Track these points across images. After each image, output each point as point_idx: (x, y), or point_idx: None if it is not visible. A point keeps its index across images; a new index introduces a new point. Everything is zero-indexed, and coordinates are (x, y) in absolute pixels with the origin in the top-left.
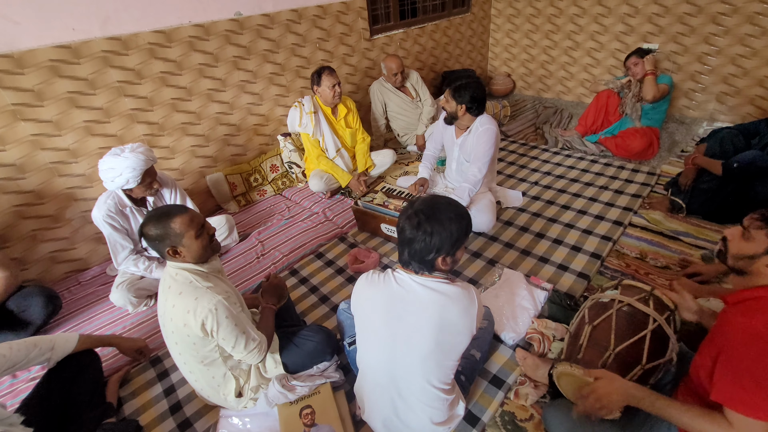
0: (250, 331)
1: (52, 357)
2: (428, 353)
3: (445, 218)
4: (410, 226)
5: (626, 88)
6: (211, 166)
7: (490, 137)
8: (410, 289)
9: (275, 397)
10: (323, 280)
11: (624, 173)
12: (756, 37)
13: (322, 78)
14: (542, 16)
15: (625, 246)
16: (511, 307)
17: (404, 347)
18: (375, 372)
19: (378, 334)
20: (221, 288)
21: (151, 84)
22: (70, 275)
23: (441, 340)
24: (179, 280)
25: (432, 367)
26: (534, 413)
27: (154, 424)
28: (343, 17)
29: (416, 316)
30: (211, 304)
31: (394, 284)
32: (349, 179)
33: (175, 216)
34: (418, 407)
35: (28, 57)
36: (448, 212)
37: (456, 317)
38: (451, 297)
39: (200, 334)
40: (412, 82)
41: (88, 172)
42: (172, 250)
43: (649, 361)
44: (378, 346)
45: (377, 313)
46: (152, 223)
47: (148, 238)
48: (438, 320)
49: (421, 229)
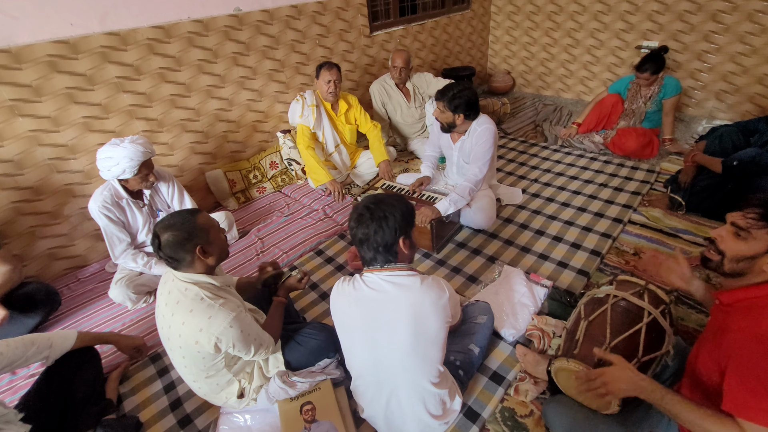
0: (261, 336)
1: (50, 355)
2: (410, 349)
3: (388, 203)
4: (363, 222)
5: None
6: (210, 162)
7: (489, 137)
8: (380, 289)
9: (276, 392)
10: (323, 277)
11: (624, 171)
12: (756, 35)
13: (321, 72)
14: (542, 13)
15: (625, 243)
16: (511, 304)
17: (385, 347)
18: (364, 375)
19: (358, 339)
20: (233, 304)
21: (150, 80)
22: (69, 272)
23: (418, 333)
24: (189, 296)
25: (417, 362)
26: (534, 409)
27: (154, 421)
28: (343, 13)
29: (391, 314)
30: (226, 322)
31: (365, 288)
32: (326, 181)
33: (198, 213)
34: (411, 404)
35: (25, 52)
36: (388, 198)
37: (429, 308)
38: (419, 289)
39: (211, 352)
40: (415, 84)
41: (86, 168)
42: (201, 249)
43: (646, 353)
44: (361, 350)
45: (354, 320)
46: (174, 226)
47: (172, 242)
48: (412, 314)
49: (374, 219)
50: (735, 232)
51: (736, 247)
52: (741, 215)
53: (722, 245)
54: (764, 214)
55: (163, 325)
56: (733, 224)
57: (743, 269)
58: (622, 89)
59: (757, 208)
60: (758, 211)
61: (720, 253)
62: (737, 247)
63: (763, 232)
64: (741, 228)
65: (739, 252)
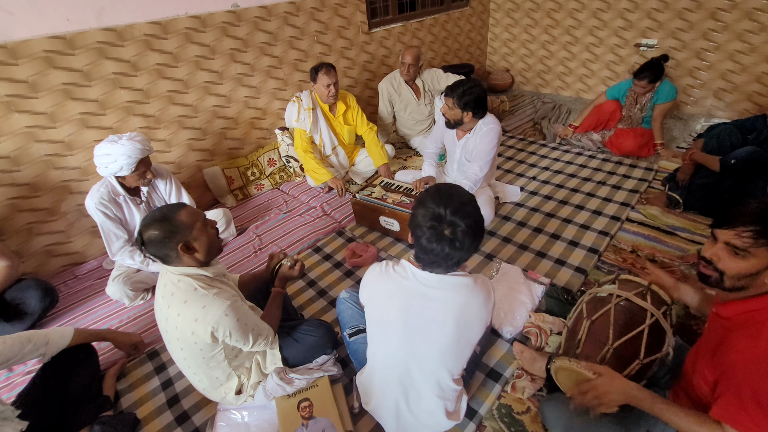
0: (259, 326)
1: (46, 352)
2: (448, 347)
3: (470, 217)
4: (443, 240)
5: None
6: (208, 159)
7: (494, 137)
8: (429, 284)
9: (273, 389)
10: (321, 274)
11: (622, 169)
12: (755, 33)
13: (319, 76)
14: (541, 11)
15: (622, 241)
16: (509, 301)
17: (423, 341)
18: (388, 366)
19: (395, 328)
20: (228, 293)
21: (147, 76)
22: (67, 269)
23: (461, 332)
24: (182, 287)
25: (450, 359)
26: (531, 406)
27: (152, 417)
28: (342, 10)
29: (436, 310)
30: (221, 311)
31: (411, 278)
32: (326, 179)
33: (179, 209)
34: (433, 400)
35: (21, 48)
36: (469, 210)
37: (476, 310)
38: (471, 290)
39: (209, 341)
40: (425, 80)
41: (83, 164)
42: (185, 245)
43: (647, 355)
44: (395, 341)
45: (394, 308)
46: (156, 223)
47: (154, 240)
48: (458, 314)
49: (463, 245)
50: (732, 251)
51: (736, 266)
52: (735, 235)
53: (721, 265)
54: (760, 232)
55: (161, 318)
56: (728, 244)
57: (745, 285)
58: (620, 95)
59: (750, 226)
60: (753, 229)
61: (718, 271)
62: (737, 266)
63: (762, 249)
64: (739, 248)
65: (741, 271)
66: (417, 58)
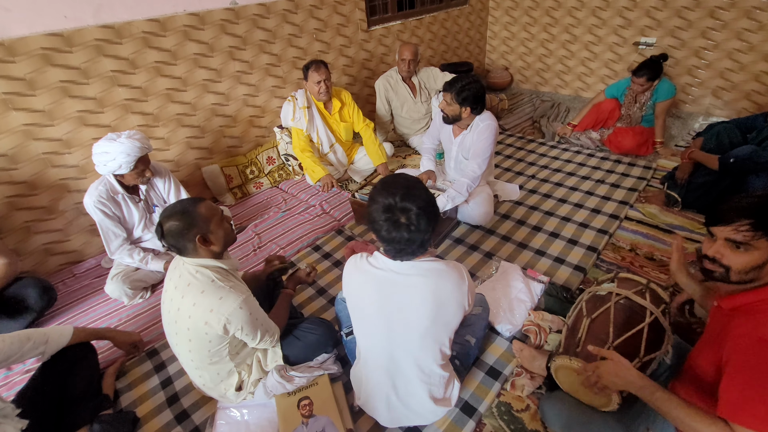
0: (267, 322)
1: (46, 350)
2: (425, 330)
3: (418, 198)
4: (399, 227)
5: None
6: (207, 157)
7: (491, 133)
8: (401, 271)
9: (273, 387)
10: (320, 272)
11: (620, 167)
12: (753, 32)
13: (309, 73)
14: (540, 9)
15: (621, 239)
16: (508, 300)
17: (401, 327)
18: (374, 355)
19: (373, 317)
20: (243, 287)
21: (146, 74)
22: (65, 267)
23: (436, 316)
24: (200, 278)
25: (429, 344)
26: (530, 404)
27: (152, 416)
28: (340, 8)
29: (411, 296)
30: (236, 304)
31: (384, 267)
32: (322, 176)
33: (199, 203)
34: (418, 385)
35: (19, 45)
36: (417, 192)
37: (449, 291)
38: (442, 273)
39: (220, 333)
40: (422, 78)
41: (81, 163)
42: (202, 237)
43: (647, 353)
44: (375, 329)
45: (370, 298)
46: (176, 215)
47: (174, 231)
48: (432, 297)
49: (419, 227)
50: (734, 246)
51: (740, 260)
52: (733, 230)
53: (726, 261)
54: (756, 224)
55: (171, 309)
56: (728, 240)
57: (753, 277)
58: (619, 94)
59: (745, 219)
60: (749, 222)
61: (723, 267)
62: (742, 260)
63: (762, 241)
64: (740, 242)
65: (746, 264)
66: (415, 53)
